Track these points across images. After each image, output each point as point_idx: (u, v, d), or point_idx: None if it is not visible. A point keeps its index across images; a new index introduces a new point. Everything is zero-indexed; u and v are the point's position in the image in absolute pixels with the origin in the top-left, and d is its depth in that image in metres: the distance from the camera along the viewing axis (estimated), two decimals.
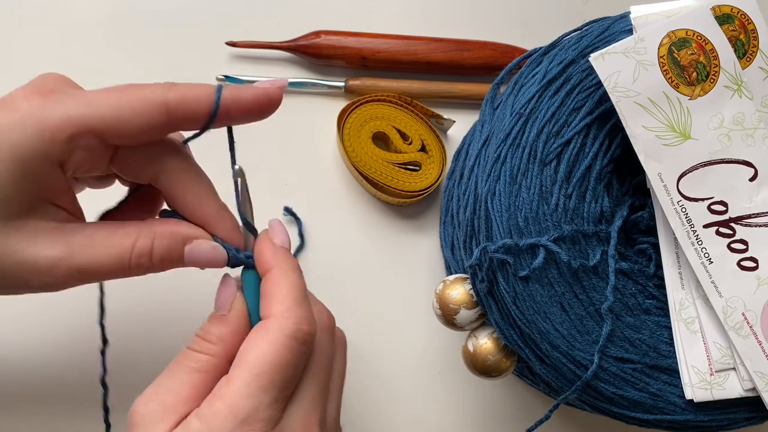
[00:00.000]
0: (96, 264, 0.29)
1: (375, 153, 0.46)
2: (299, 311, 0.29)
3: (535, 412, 0.46)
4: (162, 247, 0.30)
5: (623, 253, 0.37)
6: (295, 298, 0.30)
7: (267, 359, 0.28)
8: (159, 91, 0.30)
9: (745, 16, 0.36)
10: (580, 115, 0.37)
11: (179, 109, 0.30)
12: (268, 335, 0.28)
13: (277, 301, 0.29)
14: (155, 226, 0.31)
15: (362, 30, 0.49)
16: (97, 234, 0.30)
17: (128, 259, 0.30)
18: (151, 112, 0.29)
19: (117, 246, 0.30)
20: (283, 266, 0.31)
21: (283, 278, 0.30)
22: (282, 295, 0.30)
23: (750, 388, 0.36)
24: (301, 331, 0.29)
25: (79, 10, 0.49)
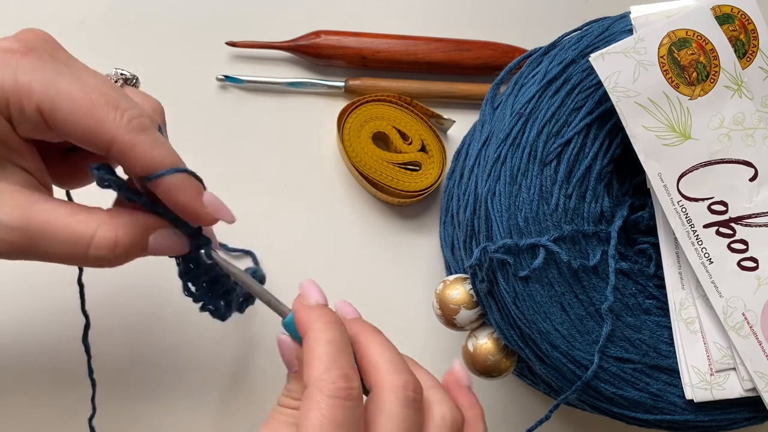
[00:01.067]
0: (50, 241, 0.29)
1: (375, 153, 0.46)
2: (335, 370, 0.28)
3: (535, 412, 0.46)
4: (127, 239, 0.30)
5: (623, 253, 0.37)
6: (330, 357, 0.29)
7: (317, 424, 0.27)
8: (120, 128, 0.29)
9: (745, 16, 0.36)
10: (580, 115, 0.37)
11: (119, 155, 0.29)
12: (309, 400, 0.28)
13: (312, 364, 0.29)
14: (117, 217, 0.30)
15: (362, 30, 0.49)
16: (58, 210, 0.29)
17: (86, 247, 0.29)
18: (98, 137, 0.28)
19: (75, 228, 0.29)
20: (315, 325, 0.30)
21: (316, 339, 0.30)
22: (316, 356, 0.29)
23: (750, 388, 0.36)
24: (340, 389, 0.28)
25: (78, 9, 0.49)
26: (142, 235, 0.30)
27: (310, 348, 0.29)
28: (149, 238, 0.31)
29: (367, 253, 0.47)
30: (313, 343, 0.29)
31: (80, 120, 0.28)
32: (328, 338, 0.29)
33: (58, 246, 0.29)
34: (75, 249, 0.29)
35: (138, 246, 0.30)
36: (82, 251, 0.29)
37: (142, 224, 0.30)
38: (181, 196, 0.30)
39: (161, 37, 0.49)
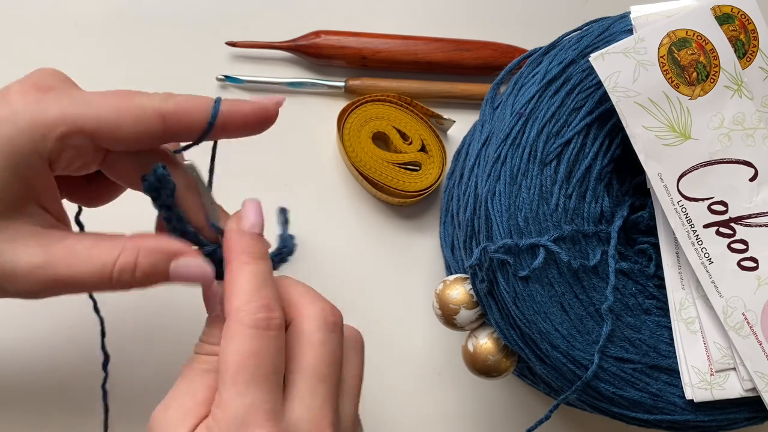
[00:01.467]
0: (75, 276, 0.29)
1: (375, 153, 0.46)
2: (255, 301, 0.29)
3: (535, 412, 0.46)
4: (146, 264, 0.30)
5: (623, 253, 0.37)
6: (252, 288, 0.29)
7: (236, 356, 0.27)
8: (156, 101, 0.30)
9: (745, 16, 0.36)
10: (580, 115, 0.37)
11: (175, 120, 0.30)
12: (229, 333, 0.28)
13: (233, 296, 0.29)
14: (140, 241, 0.30)
15: (362, 30, 0.49)
16: (80, 245, 0.29)
17: (109, 274, 0.29)
18: (147, 120, 0.29)
19: (99, 259, 0.29)
20: (241, 257, 0.30)
21: (239, 271, 0.30)
22: (238, 289, 0.29)
23: (750, 388, 0.36)
24: (261, 319, 0.28)
25: (78, 9, 0.49)
26: (163, 260, 0.30)
27: (232, 278, 0.30)
28: (171, 265, 0.30)
29: (367, 253, 0.47)
30: (235, 273, 0.30)
31: (128, 115, 0.29)
32: (251, 270, 0.30)
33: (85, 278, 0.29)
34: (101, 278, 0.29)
35: (159, 270, 0.30)
36: (106, 278, 0.29)
37: (164, 250, 0.30)
38: (243, 107, 0.31)
39: (161, 37, 0.49)
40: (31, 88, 0.29)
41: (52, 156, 0.28)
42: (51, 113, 0.28)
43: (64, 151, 0.29)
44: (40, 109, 0.28)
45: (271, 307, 0.29)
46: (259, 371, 0.28)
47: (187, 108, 0.30)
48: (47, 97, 0.28)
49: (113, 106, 0.29)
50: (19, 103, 0.28)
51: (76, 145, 0.29)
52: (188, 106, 0.30)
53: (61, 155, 0.29)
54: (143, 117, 0.29)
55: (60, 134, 0.28)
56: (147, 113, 0.29)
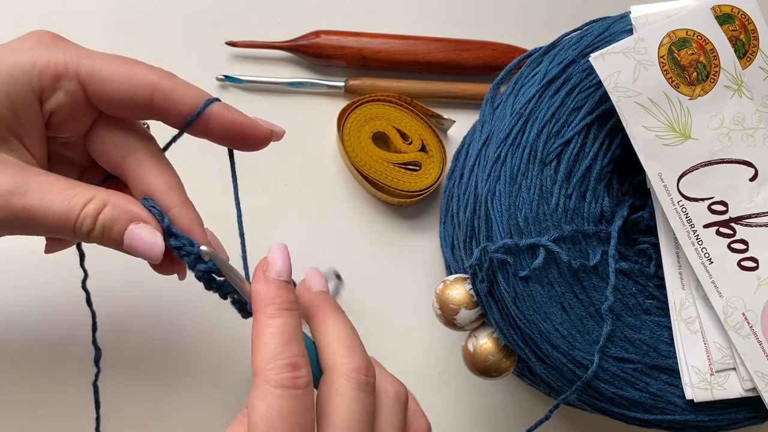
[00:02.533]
0: (46, 210, 0.29)
1: (375, 153, 0.46)
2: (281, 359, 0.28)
3: (535, 412, 0.46)
4: (109, 215, 0.30)
5: (623, 253, 0.37)
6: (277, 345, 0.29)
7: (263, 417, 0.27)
8: (154, 75, 0.31)
9: (746, 16, 0.36)
10: (580, 115, 0.37)
11: (163, 98, 0.31)
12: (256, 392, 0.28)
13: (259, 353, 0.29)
14: (113, 195, 0.31)
15: (362, 30, 0.49)
16: (57, 183, 0.30)
17: (75, 216, 0.29)
18: (138, 87, 0.30)
19: (70, 199, 0.30)
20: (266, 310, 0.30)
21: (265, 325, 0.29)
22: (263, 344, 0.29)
23: (750, 388, 0.36)
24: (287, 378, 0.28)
25: (78, 9, 0.49)
26: (125, 219, 0.30)
27: (258, 334, 0.29)
28: (129, 225, 0.30)
29: (367, 253, 0.47)
30: (260, 328, 0.29)
31: (121, 76, 0.30)
32: (276, 325, 0.29)
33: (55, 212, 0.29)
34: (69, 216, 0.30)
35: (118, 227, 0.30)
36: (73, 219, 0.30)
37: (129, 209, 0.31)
38: (234, 115, 0.32)
39: (161, 37, 0.49)
40: (45, 35, 0.31)
41: (44, 94, 0.30)
42: (52, 54, 0.30)
43: (56, 93, 0.30)
44: (46, 50, 0.30)
45: (298, 365, 0.28)
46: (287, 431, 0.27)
47: (179, 92, 0.31)
48: (55, 43, 0.30)
49: (112, 64, 0.31)
50: (30, 41, 0.30)
51: (68, 90, 0.30)
52: (181, 92, 0.31)
53: (53, 96, 0.30)
54: (135, 83, 0.30)
55: (55, 73, 0.30)
56: (140, 81, 0.30)
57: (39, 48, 0.30)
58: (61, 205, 0.29)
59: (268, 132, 0.33)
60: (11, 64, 0.29)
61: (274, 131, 0.34)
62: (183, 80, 0.32)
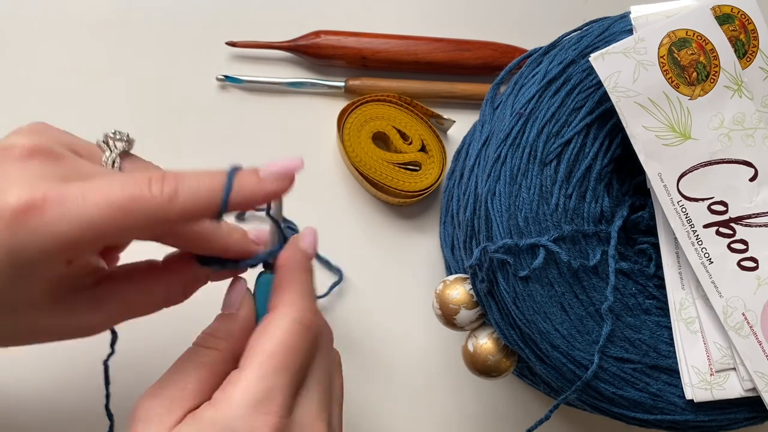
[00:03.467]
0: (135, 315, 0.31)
1: (375, 153, 0.46)
2: (306, 302, 0.30)
3: (535, 412, 0.46)
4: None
5: (623, 253, 0.37)
6: (305, 291, 0.30)
7: (278, 342, 0.28)
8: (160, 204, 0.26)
9: (745, 16, 0.36)
10: (580, 115, 0.37)
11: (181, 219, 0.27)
12: (276, 321, 0.29)
13: (289, 291, 0.30)
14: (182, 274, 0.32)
15: (362, 30, 0.49)
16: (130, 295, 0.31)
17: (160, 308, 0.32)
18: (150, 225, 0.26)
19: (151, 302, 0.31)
20: (300, 265, 0.31)
21: (297, 273, 0.31)
22: (294, 288, 0.30)
23: (750, 388, 0.36)
24: (308, 318, 0.29)
25: (79, 9, 0.49)
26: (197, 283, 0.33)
27: (290, 275, 0.31)
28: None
29: (367, 253, 0.47)
30: (293, 275, 0.31)
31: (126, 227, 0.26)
32: (306, 279, 0.31)
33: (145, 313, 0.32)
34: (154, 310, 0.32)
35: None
36: None
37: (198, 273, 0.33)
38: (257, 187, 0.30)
39: (161, 37, 0.49)
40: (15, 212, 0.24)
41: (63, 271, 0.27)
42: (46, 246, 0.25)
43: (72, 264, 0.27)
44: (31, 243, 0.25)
45: (319, 315, 0.30)
46: (290, 363, 0.28)
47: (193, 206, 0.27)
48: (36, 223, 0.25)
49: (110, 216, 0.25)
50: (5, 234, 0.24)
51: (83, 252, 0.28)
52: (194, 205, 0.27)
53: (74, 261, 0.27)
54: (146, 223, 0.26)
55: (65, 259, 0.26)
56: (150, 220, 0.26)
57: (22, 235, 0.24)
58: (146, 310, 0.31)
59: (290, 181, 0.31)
60: None
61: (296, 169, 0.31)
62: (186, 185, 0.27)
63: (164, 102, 0.48)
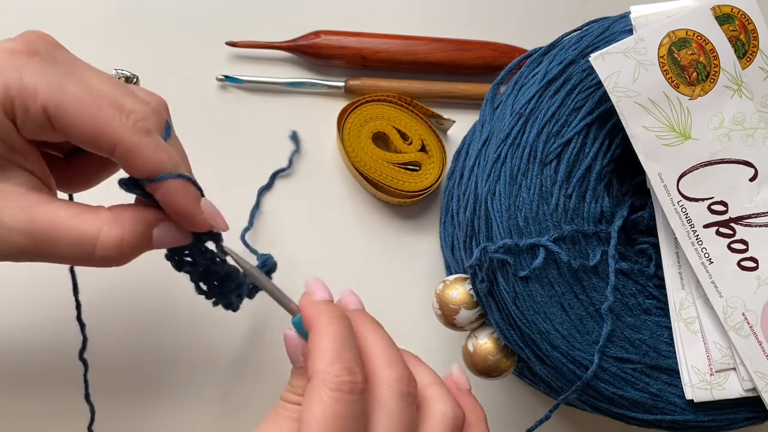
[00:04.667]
0: (54, 243, 0.29)
1: (375, 153, 0.46)
2: (338, 363, 0.29)
3: (535, 412, 0.46)
4: (132, 237, 0.30)
5: (623, 253, 0.37)
6: (335, 349, 0.29)
7: (319, 416, 0.28)
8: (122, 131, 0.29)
9: (745, 16, 0.36)
10: (580, 115, 0.37)
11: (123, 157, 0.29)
12: (312, 393, 0.28)
13: (316, 358, 0.29)
14: (121, 214, 0.30)
15: (362, 30, 0.49)
16: (61, 211, 0.29)
17: (91, 248, 0.29)
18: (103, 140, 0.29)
19: (79, 229, 0.29)
20: (323, 318, 0.30)
21: (323, 331, 0.30)
22: (321, 350, 0.29)
23: (750, 388, 0.36)
24: (345, 383, 0.28)
25: (79, 9, 0.49)
26: (146, 230, 0.31)
27: (315, 341, 0.30)
28: (153, 232, 0.31)
29: (367, 253, 0.47)
30: (318, 336, 0.30)
31: (86, 122, 0.28)
32: (333, 332, 0.30)
33: (64, 247, 0.29)
34: (81, 249, 0.29)
35: (143, 241, 0.30)
36: (88, 251, 0.29)
37: (146, 219, 0.31)
38: (180, 200, 0.31)
39: (161, 37, 0.49)
40: (22, 50, 0.28)
41: (18, 119, 0.28)
42: (26, 77, 0.28)
43: (27, 121, 0.28)
44: (14, 74, 0.28)
45: (354, 371, 0.29)
46: None
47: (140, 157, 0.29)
48: (29, 62, 0.28)
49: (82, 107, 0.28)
50: (8, 57, 0.28)
51: (35, 121, 0.28)
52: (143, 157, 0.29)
53: (25, 123, 0.28)
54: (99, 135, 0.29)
55: (24, 103, 0.28)
56: (104, 135, 0.28)
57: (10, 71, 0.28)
58: (72, 240, 0.29)
59: (207, 225, 0.32)
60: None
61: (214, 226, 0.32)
62: (156, 142, 0.30)
63: None
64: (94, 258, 0.29)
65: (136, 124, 0.29)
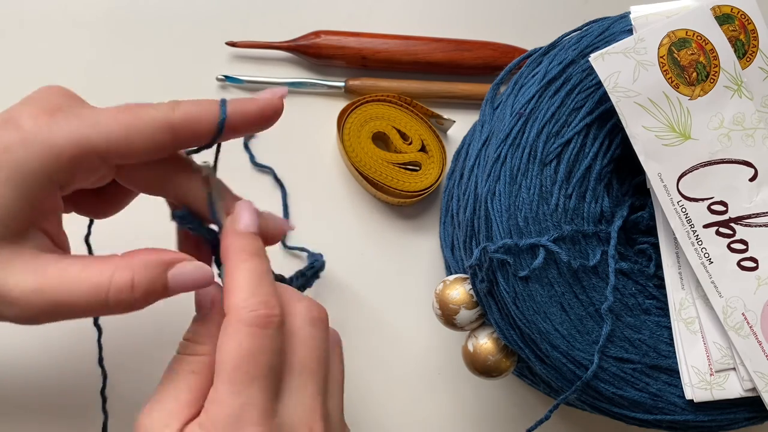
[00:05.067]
0: (69, 298, 0.28)
1: (375, 153, 0.46)
2: (255, 298, 0.28)
3: (535, 412, 0.46)
4: (144, 279, 0.29)
5: (623, 253, 0.37)
6: (249, 285, 0.29)
7: (234, 354, 0.27)
8: (164, 112, 0.29)
9: (745, 16, 0.36)
10: (580, 115, 0.37)
11: (184, 128, 0.30)
12: (228, 330, 0.28)
13: (232, 293, 0.29)
14: (132, 258, 0.29)
15: (362, 30, 0.49)
16: (71, 267, 0.29)
17: (105, 295, 0.28)
18: (157, 133, 0.29)
19: (91, 280, 0.28)
20: (239, 255, 0.30)
21: (236, 268, 0.30)
22: (236, 286, 0.29)
23: (750, 388, 0.36)
24: (260, 316, 0.28)
25: (79, 10, 0.49)
26: (159, 272, 0.29)
27: (230, 276, 0.29)
28: (167, 275, 0.30)
29: (367, 253, 0.47)
30: (233, 271, 0.29)
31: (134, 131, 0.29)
32: (248, 267, 0.29)
33: (79, 299, 0.28)
34: (96, 298, 0.28)
35: (157, 283, 0.29)
36: (102, 299, 0.29)
37: (159, 261, 0.30)
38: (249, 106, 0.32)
39: (161, 37, 0.49)
40: (40, 110, 0.28)
41: (64, 178, 0.28)
42: (61, 136, 0.28)
43: (77, 173, 0.29)
44: (50, 132, 0.28)
45: (271, 305, 0.29)
46: (256, 370, 0.27)
47: (194, 115, 0.30)
48: (56, 119, 0.28)
49: (122, 123, 0.29)
50: (29, 126, 0.28)
51: (87, 166, 0.29)
52: (196, 113, 0.30)
53: (74, 176, 0.29)
54: (153, 131, 0.29)
55: (71, 156, 0.28)
56: (156, 127, 0.29)
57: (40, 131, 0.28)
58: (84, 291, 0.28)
59: (281, 101, 0.33)
60: (21, 160, 0.27)
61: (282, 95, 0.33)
62: (187, 101, 0.31)
63: None
64: (110, 305, 0.29)
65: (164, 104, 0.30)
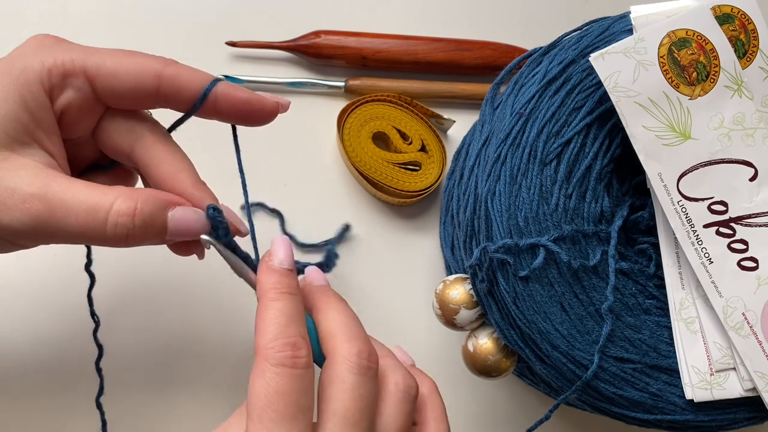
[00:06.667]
0: (67, 213, 0.29)
1: (375, 153, 0.46)
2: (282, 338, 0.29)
3: (535, 412, 0.46)
4: (146, 209, 0.30)
5: (623, 253, 0.37)
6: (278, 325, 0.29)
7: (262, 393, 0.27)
8: (158, 63, 0.32)
9: (745, 16, 0.36)
10: (580, 115, 0.37)
11: (170, 84, 0.32)
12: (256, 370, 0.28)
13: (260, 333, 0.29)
14: (136, 191, 0.30)
15: (362, 30, 0.49)
16: (76, 184, 0.30)
17: (104, 215, 0.29)
18: (144, 77, 0.31)
19: (93, 198, 0.29)
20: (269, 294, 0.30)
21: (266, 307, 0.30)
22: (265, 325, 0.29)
23: (750, 388, 0.36)
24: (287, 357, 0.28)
25: (79, 9, 0.49)
26: (160, 209, 0.31)
27: (260, 316, 0.30)
28: (168, 214, 0.31)
29: (367, 253, 0.47)
30: (263, 311, 0.30)
31: (126, 67, 0.31)
32: (278, 307, 0.30)
33: (77, 216, 0.29)
34: (94, 219, 0.29)
35: (157, 219, 0.30)
36: (100, 220, 0.29)
37: (162, 199, 0.31)
38: (240, 92, 0.33)
39: (161, 37, 0.49)
40: (46, 37, 0.31)
41: (54, 93, 0.30)
42: (58, 54, 0.30)
43: (65, 91, 0.31)
44: (50, 51, 0.31)
45: (298, 346, 0.28)
46: (285, 410, 0.27)
47: (184, 77, 0.32)
48: (58, 44, 0.31)
49: (116, 57, 0.31)
50: (33, 45, 0.31)
51: (76, 87, 0.31)
52: (186, 76, 0.32)
53: (62, 94, 0.31)
54: (141, 73, 0.31)
55: (63, 71, 0.30)
56: (145, 72, 0.31)
57: (43, 50, 0.31)
58: (86, 208, 0.29)
59: (275, 105, 0.34)
60: (21, 69, 0.30)
61: (279, 104, 0.34)
62: (186, 65, 0.33)
63: None
64: (107, 230, 0.29)
65: (165, 59, 0.32)
